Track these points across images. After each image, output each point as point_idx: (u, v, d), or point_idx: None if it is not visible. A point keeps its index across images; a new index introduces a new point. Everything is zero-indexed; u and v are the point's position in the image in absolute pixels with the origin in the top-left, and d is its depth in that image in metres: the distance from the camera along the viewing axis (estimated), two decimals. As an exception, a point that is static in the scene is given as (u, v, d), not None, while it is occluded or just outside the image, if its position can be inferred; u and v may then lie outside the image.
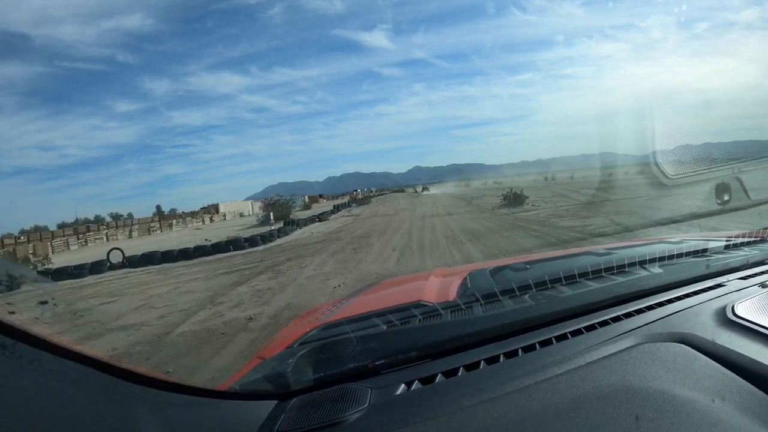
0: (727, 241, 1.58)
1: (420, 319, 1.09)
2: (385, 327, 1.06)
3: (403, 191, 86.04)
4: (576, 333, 0.95)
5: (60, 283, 12.94)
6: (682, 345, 0.82)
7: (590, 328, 0.97)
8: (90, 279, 13.31)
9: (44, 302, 8.09)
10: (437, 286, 1.53)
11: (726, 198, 8.70)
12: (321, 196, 79.49)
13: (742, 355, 0.75)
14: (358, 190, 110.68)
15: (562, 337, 0.94)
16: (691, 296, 1.09)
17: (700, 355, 0.78)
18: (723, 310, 0.95)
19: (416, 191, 69.42)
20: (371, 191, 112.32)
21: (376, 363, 0.90)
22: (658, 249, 1.45)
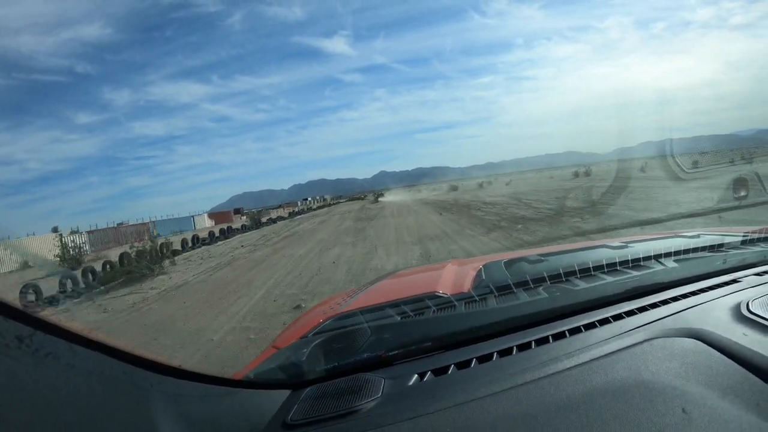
0: (744, 236, 1.52)
1: (434, 311, 1.08)
2: (399, 318, 1.05)
3: (362, 198, 73.87)
4: (589, 326, 0.93)
5: None
6: (696, 340, 0.81)
7: (604, 321, 0.95)
8: None
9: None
10: (452, 277, 1.49)
11: (743, 193, 7.87)
12: (237, 211, 63.18)
13: (756, 353, 0.73)
14: (308, 199, 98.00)
15: (575, 330, 0.92)
16: (706, 291, 1.07)
17: (714, 351, 0.76)
18: (738, 306, 0.92)
19: (374, 197, 58.51)
20: (324, 199, 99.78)
21: (390, 353, 0.90)
22: (674, 243, 1.42)
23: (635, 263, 1.27)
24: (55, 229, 26.91)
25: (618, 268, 1.24)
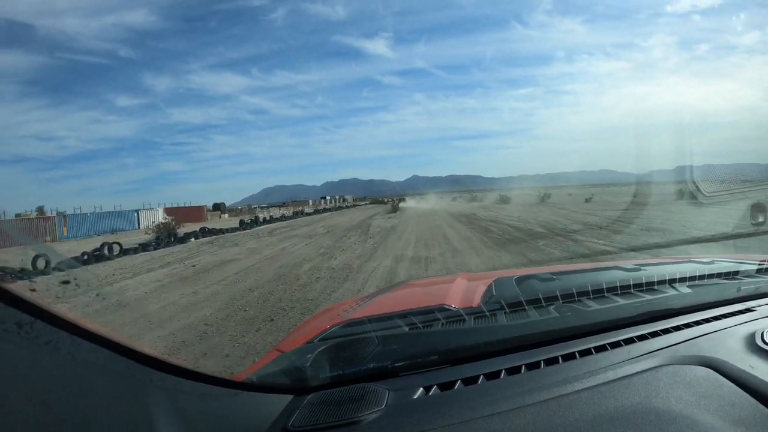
0: (759, 264, 1.46)
1: (443, 324, 1.05)
2: (407, 329, 1.02)
3: (385, 202, 61.06)
4: (600, 349, 0.91)
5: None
6: (708, 369, 0.79)
7: (615, 345, 0.93)
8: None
9: (66, 282, 6.65)
10: (462, 291, 1.45)
11: (761, 219, 6.56)
12: (217, 207, 49.72)
13: None
14: (327, 198, 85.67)
15: (585, 352, 0.90)
16: (719, 319, 1.05)
17: (726, 380, 0.75)
18: (752, 336, 0.91)
19: (393, 203, 44.62)
20: (345, 200, 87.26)
21: (396, 364, 0.88)
22: (688, 269, 1.36)
23: (649, 287, 1.22)
24: None
25: (631, 291, 1.19)
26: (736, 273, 1.39)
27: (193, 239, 18.55)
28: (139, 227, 32.88)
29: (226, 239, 17.35)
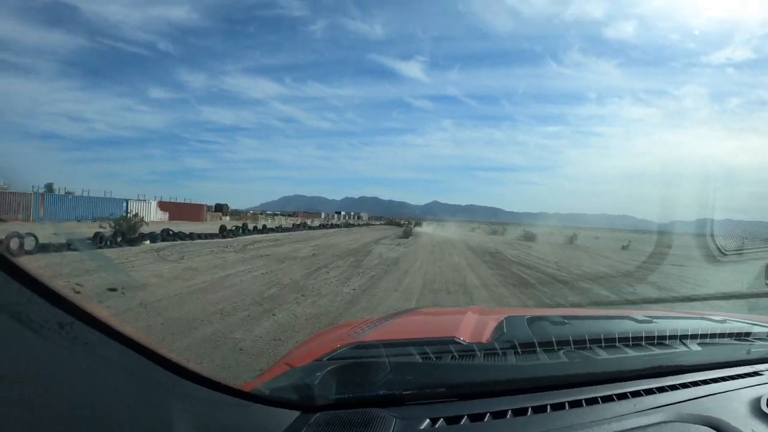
0: None
1: (455, 357, 1.04)
2: (419, 358, 1.01)
3: (399, 224, 56.87)
4: (607, 399, 0.92)
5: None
6: (712, 430, 0.80)
7: (622, 396, 0.93)
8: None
9: (113, 290, 6.15)
10: (472, 325, 1.41)
11: None
12: (219, 208, 45.88)
13: None
14: (342, 213, 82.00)
15: (592, 401, 0.91)
16: (726, 380, 1.06)
17: None
18: (757, 400, 0.92)
19: (406, 227, 39.83)
20: (360, 217, 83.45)
21: (405, 393, 0.88)
22: (700, 325, 1.35)
23: (660, 340, 1.21)
24: None
25: (642, 343, 1.18)
26: (748, 335, 1.37)
27: (147, 242, 14.79)
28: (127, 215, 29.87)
29: (181, 248, 13.47)
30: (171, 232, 16.59)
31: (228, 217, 43.20)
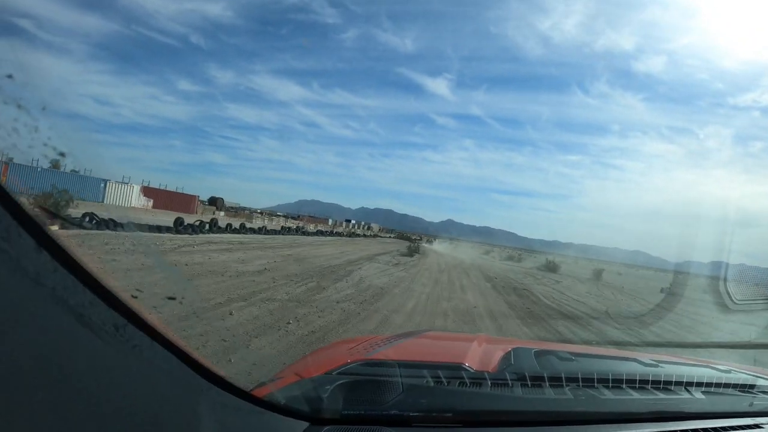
0: None
1: (464, 383, 1.04)
2: (432, 381, 1.02)
3: (410, 239, 52.52)
4: None
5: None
6: None
7: None
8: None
9: (172, 298, 5.69)
10: (480, 352, 1.41)
11: None
12: (213, 202, 40.62)
13: None
14: (353, 222, 77.96)
15: None
16: (728, 431, 1.07)
17: None
18: None
19: (412, 244, 34.91)
20: (370, 227, 79.22)
21: (412, 414, 0.89)
22: (705, 374, 1.37)
23: (665, 386, 1.21)
24: None
25: (647, 387, 1.18)
26: (752, 387, 1.36)
27: (56, 227, 10.78)
28: (103, 200, 26.09)
29: (84, 239, 9.36)
30: (95, 219, 12.46)
31: (223, 213, 39.44)
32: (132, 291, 5.71)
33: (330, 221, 63.49)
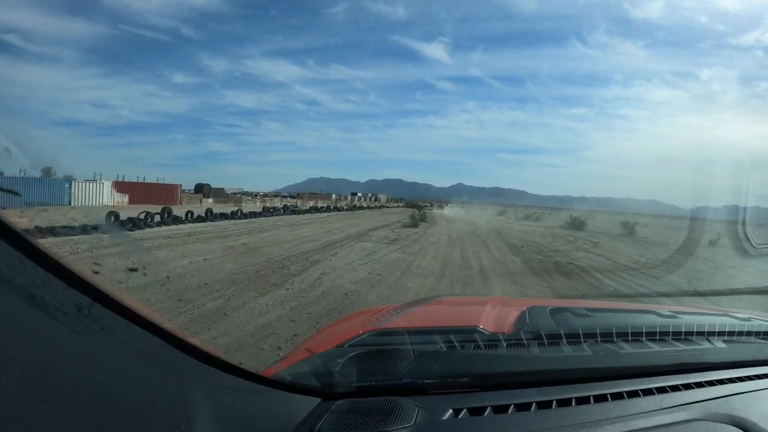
0: None
1: (478, 346, 1.01)
2: (444, 346, 0.98)
3: (419, 207, 48.71)
4: (632, 394, 0.89)
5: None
6: (739, 430, 0.78)
7: (648, 392, 0.91)
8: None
9: (134, 269, 5.61)
10: (495, 314, 1.35)
11: None
12: (200, 189, 37.03)
13: None
14: (359, 195, 73.99)
15: (617, 396, 0.88)
16: (753, 380, 1.03)
17: None
18: None
19: (418, 211, 30.82)
20: (378, 199, 75.22)
21: (427, 382, 0.86)
22: (726, 323, 1.31)
23: (686, 336, 1.17)
24: None
25: (667, 339, 1.14)
26: None
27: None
28: (71, 203, 22.75)
29: None
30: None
31: (211, 199, 35.98)
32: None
33: (333, 196, 59.68)
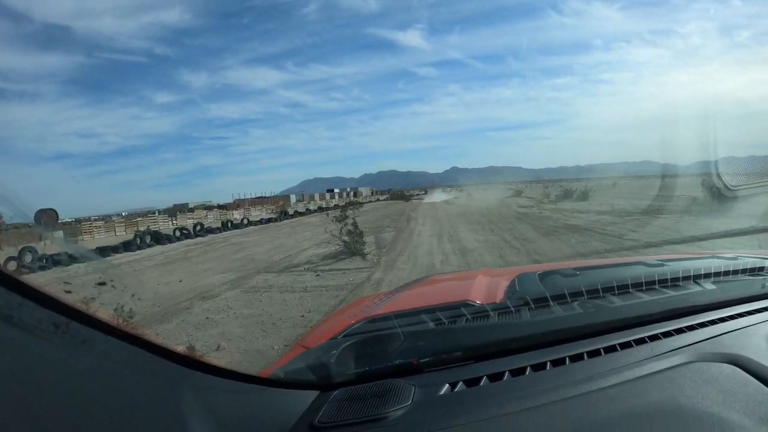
0: None
1: (468, 319, 1.03)
2: (432, 324, 1.01)
3: (406, 199, 44.50)
4: (625, 345, 0.91)
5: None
6: (734, 366, 0.78)
7: (640, 341, 0.92)
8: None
9: (102, 283, 6.12)
10: (485, 287, 1.41)
11: None
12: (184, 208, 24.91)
13: None
14: (336, 191, 66.08)
15: (610, 349, 0.89)
16: (744, 316, 1.03)
17: (752, 378, 0.74)
18: None
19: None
20: (359, 193, 67.13)
21: (421, 360, 0.87)
22: (713, 264, 1.32)
23: (673, 282, 1.18)
24: None
25: (655, 287, 1.16)
26: (761, 269, 1.33)
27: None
28: None
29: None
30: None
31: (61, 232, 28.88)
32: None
33: (293, 199, 51.17)
